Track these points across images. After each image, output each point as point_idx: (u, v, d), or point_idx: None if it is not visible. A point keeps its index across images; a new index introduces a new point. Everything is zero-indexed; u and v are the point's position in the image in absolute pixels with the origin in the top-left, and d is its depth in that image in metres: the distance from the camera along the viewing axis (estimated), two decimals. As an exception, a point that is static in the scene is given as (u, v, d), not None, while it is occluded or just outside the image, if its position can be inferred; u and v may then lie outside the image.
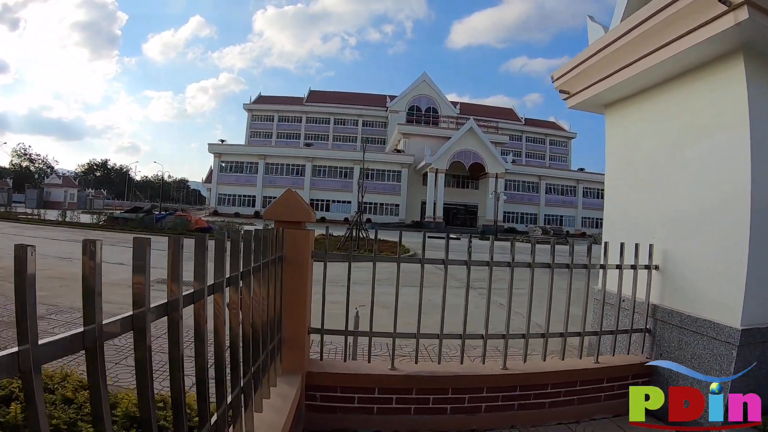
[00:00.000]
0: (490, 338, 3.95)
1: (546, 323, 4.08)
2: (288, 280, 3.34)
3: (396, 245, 17.40)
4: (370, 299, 3.79)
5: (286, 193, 3.38)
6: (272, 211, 3.36)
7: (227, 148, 70.57)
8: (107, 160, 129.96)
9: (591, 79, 5.40)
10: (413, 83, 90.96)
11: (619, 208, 5.53)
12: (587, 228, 70.68)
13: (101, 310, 1.22)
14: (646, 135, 5.04)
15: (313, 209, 3.57)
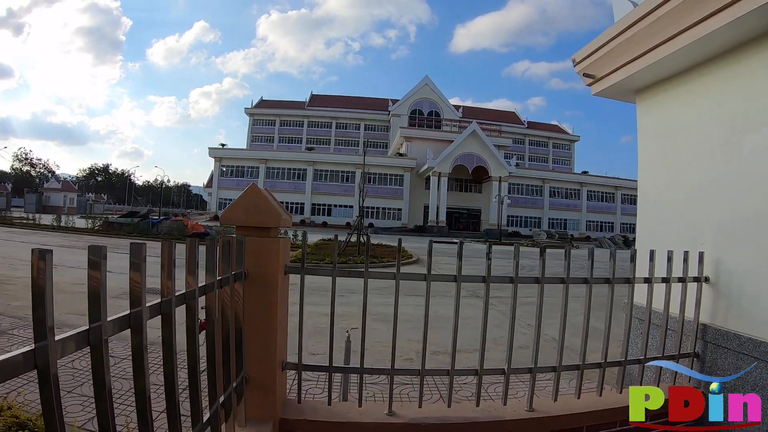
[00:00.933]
0: (514, 373, 3.14)
1: (582, 352, 3.29)
2: (251, 303, 2.58)
3: (398, 251, 16.65)
4: (362, 322, 2.98)
5: (250, 190, 2.63)
6: (231, 214, 2.61)
7: (228, 152, 70.09)
8: (108, 165, 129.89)
9: (621, 59, 4.63)
10: (415, 87, 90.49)
11: (656, 210, 4.74)
12: (592, 231, 69.94)
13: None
14: (691, 123, 4.26)
15: (288, 211, 2.81)
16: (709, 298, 3.82)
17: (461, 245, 2.93)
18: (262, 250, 2.59)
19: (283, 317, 2.81)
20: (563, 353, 3.31)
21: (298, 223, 60.49)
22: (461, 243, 2.98)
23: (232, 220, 2.61)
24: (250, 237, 2.57)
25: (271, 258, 2.60)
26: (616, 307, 3.43)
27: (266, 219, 2.58)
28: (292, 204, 66.49)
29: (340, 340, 5.63)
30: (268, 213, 2.58)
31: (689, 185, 4.21)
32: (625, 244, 54.03)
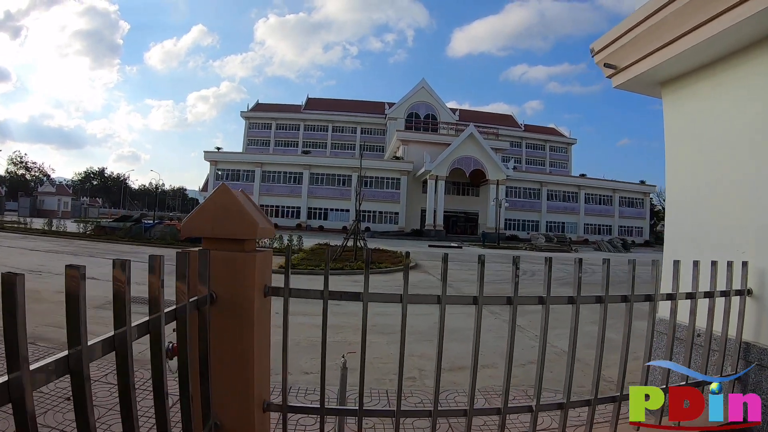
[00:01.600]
0: (543, 410, 2.65)
1: (620, 381, 2.80)
2: (222, 333, 2.08)
3: (396, 255, 16.30)
4: (361, 355, 2.49)
5: (219, 191, 2.14)
6: (194, 223, 2.13)
7: (223, 155, 69.55)
8: (104, 169, 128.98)
9: (649, 46, 4.15)
10: (412, 90, 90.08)
11: (687, 214, 4.24)
12: (589, 234, 69.72)
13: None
14: (729, 117, 3.78)
15: (268, 218, 2.32)
16: (752, 313, 3.35)
17: (483, 265, 2.42)
18: (234, 268, 2.09)
19: (263, 349, 2.32)
20: (575, 366, 2.82)
21: (294, 228, 59.93)
22: (482, 262, 2.47)
23: (197, 230, 2.12)
24: (218, 251, 2.07)
25: (246, 277, 2.10)
26: (622, 313, 2.96)
27: (239, 229, 2.10)
28: (288, 208, 66.01)
29: (333, 356, 5.17)
30: (241, 221, 2.10)
31: (728, 186, 3.74)
32: (624, 247, 53.71)
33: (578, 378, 5.62)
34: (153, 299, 1.61)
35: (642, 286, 2.90)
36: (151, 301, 1.60)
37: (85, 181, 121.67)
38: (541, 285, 2.84)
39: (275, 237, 25.57)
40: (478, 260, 2.41)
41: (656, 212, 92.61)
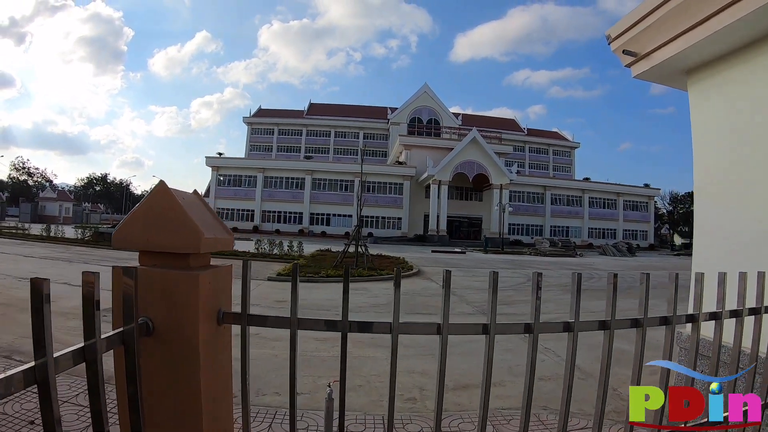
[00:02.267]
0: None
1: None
2: (161, 373, 1.61)
3: (398, 261, 15.83)
4: (339, 408, 2.02)
5: (155, 192, 1.67)
6: (124, 233, 1.65)
7: (225, 161, 69.23)
8: (107, 174, 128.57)
9: (674, 28, 3.69)
10: (414, 95, 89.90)
11: (721, 218, 3.77)
12: (594, 239, 69.14)
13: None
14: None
15: (225, 227, 1.85)
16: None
17: (538, 287, 1.96)
18: (172, 290, 1.62)
19: (220, 391, 1.84)
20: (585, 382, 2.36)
21: (297, 233, 59.62)
22: (539, 281, 1.98)
23: (128, 242, 1.65)
24: (155, 269, 1.61)
25: (188, 302, 1.62)
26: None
27: (177, 240, 1.63)
28: (291, 214, 65.75)
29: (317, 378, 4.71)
30: (180, 230, 1.63)
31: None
32: (629, 251, 53.17)
33: (590, 396, 5.16)
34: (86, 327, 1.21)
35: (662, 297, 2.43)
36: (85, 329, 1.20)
37: (87, 186, 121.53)
38: (548, 291, 2.40)
39: (275, 243, 25.15)
40: (489, 279, 1.93)
41: (660, 216, 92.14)
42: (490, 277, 1.90)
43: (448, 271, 1.82)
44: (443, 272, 1.85)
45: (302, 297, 12.36)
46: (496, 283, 1.88)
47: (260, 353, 6.44)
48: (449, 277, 1.82)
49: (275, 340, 7.16)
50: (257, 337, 7.34)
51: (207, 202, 2.00)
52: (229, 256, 22.67)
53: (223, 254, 23.31)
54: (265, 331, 7.83)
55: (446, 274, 1.82)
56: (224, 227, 1.92)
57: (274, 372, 5.71)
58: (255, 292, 12.12)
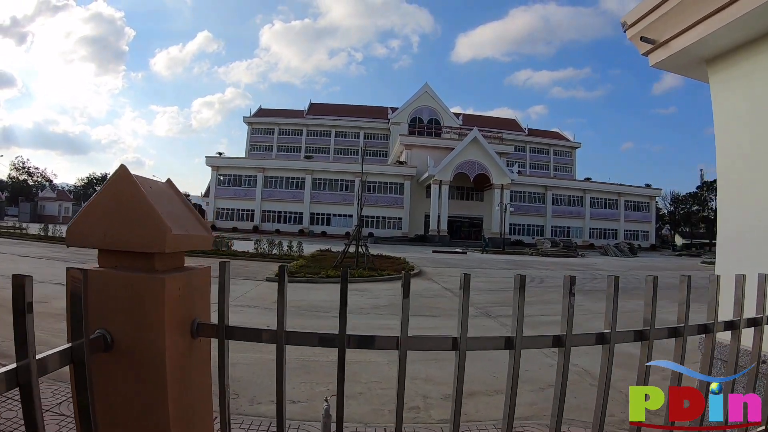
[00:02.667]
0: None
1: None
2: (121, 395, 1.35)
3: (399, 262, 15.59)
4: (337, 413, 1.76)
5: (115, 179, 1.41)
6: (80, 228, 1.40)
7: (225, 161, 69.02)
8: (107, 174, 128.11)
9: (694, 15, 3.45)
10: (415, 94, 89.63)
11: (747, 214, 3.52)
12: (595, 239, 68.94)
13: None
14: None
15: (201, 221, 1.61)
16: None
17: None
18: (136, 297, 1.36)
19: (196, 413, 1.58)
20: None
21: (297, 233, 59.42)
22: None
23: (84, 238, 1.40)
24: (114, 271, 1.36)
25: (155, 311, 1.37)
26: (639, 326, 2.33)
27: (138, 236, 1.37)
28: (291, 214, 65.58)
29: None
30: (142, 224, 1.37)
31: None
32: (631, 251, 52.92)
33: (610, 406, 4.89)
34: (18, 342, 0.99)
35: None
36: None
37: (87, 186, 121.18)
38: (553, 292, 2.23)
39: (275, 243, 24.89)
40: (516, 286, 1.68)
41: (661, 216, 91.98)
42: (515, 281, 1.64)
43: (466, 275, 1.57)
44: (460, 276, 1.60)
45: (301, 298, 12.21)
46: (522, 289, 1.63)
47: (256, 358, 6.19)
48: (468, 283, 1.57)
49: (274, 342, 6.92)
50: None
51: (186, 194, 1.76)
52: (226, 256, 22.44)
53: (218, 253, 23.11)
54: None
55: (464, 278, 1.56)
56: (201, 223, 1.67)
57: (270, 378, 5.44)
58: (253, 292, 11.89)
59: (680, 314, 2.05)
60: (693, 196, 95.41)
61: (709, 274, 2.38)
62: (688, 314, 2.05)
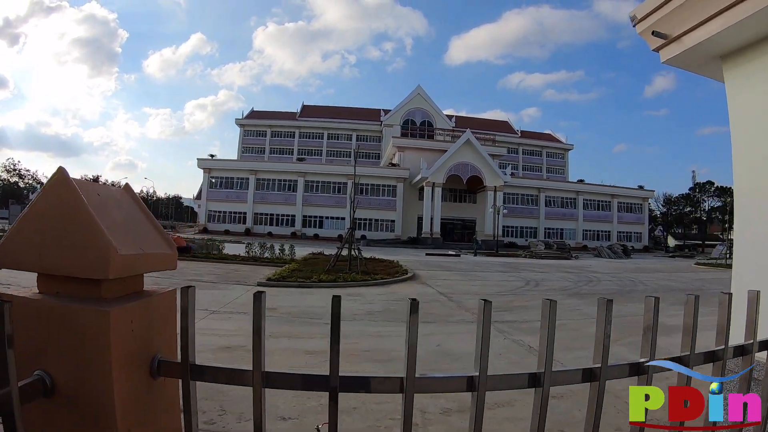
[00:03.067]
0: None
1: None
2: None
3: (393, 265, 15.33)
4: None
5: (55, 182, 1.15)
6: (15, 244, 1.14)
7: (217, 163, 68.65)
8: (98, 176, 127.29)
9: (710, 8, 3.23)
10: (407, 97, 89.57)
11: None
12: (588, 241, 69.04)
13: None
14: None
15: (166, 240, 1.35)
16: None
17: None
18: (79, 333, 1.11)
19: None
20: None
21: (289, 236, 59.12)
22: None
23: (16, 258, 1.14)
24: (54, 299, 1.10)
25: (101, 348, 1.11)
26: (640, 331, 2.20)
27: (77, 258, 1.11)
28: (283, 216, 65.30)
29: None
30: (82, 243, 1.11)
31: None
32: (624, 253, 52.86)
33: (611, 416, 4.65)
34: None
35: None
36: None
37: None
38: (549, 295, 1.94)
39: (267, 246, 24.56)
40: (544, 313, 1.44)
41: (654, 217, 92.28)
42: (544, 308, 1.40)
43: (487, 303, 1.32)
44: (479, 303, 1.35)
45: (293, 303, 11.93)
46: (553, 318, 1.38)
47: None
48: (489, 314, 1.32)
49: (266, 354, 6.64)
50: (243, 350, 6.83)
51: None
52: (217, 260, 22.15)
53: (209, 257, 22.80)
54: (251, 343, 7.30)
55: (484, 307, 1.31)
56: (164, 238, 1.41)
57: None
58: (243, 298, 11.60)
59: (718, 335, 1.83)
60: (685, 197, 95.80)
61: (730, 291, 2.16)
62: (728, 338, 1.81)
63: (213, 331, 7.98)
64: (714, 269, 33.92)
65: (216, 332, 7.91)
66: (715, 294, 7.82)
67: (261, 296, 1.26)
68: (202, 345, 6.93)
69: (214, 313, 9.51)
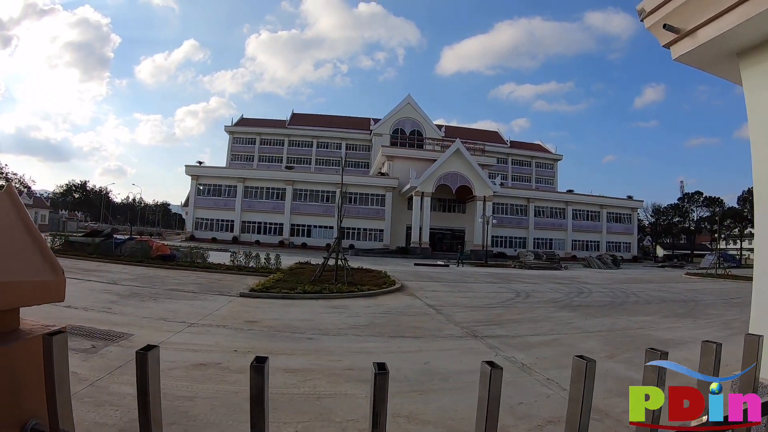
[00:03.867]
0: None
1: None
2: None
3: (380, 276, 14.97)
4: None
5: None
6: None
7: (205, 170, 67.94)
8: (86, 182, 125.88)
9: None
10: (397, 106, 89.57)
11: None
12: (577, 251, 69.12)
13: None
14: None
15: (51, 256, 0.95)
16: None
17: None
18: None
19: None
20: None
21: (277, 245, 58.65)
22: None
23: None
24: None
25: None
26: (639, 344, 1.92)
27: None
28: (271, 225, 64.79)
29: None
30: None
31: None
32: (614, 263, 52.82)
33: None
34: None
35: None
36: None
37: (66, 194, 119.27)
38: (540, 308, 1.77)
39: (252, 255, 24.08)
40: (574, 370, 1.06)
41: (642, 227, 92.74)
42: (575, 369, 1.03)
43: (495, 370, 0.95)
44: (483, 369, 0.97)
45: (276, 317, 11.49)
46: (591, 382, 1.01)
47: (218, 390, 5.51)
48: (494, 380, 0.95)
49: (237, 372, 6.22)
50: (218, 368, 6.41)
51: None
52: (201, 269, 21.66)
53: (193, 266, 22.30)
54: (228, 361, 6.88)
55: (490, 375, 0.94)
56: (45, 259, 1.02)
57: (233, 414, 4.77)
58: (225, 310, 11.17)
59: None
60: (674, 207, 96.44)
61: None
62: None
63: (188, 346, 7.57)
64: (705, 279, 33.86)
65: (192, 347, 7.50)
66: (710, 305, 7.52)
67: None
68: (175, 362, 6.53)
69: (192, 326, 9.07)
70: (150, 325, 8.92)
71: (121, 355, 6.54)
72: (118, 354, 6.70)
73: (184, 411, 4.76)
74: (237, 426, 4.49)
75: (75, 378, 5.58)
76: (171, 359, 6.64)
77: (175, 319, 9.53)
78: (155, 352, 0.92)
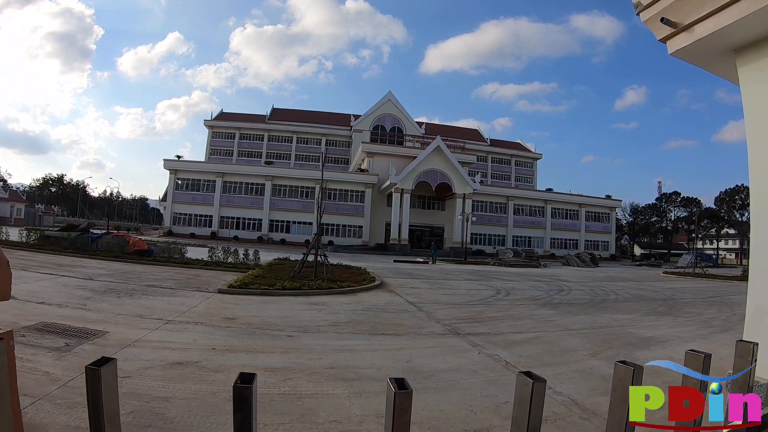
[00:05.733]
0: None
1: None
2: None
3: (360, 272, 14.89)
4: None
5: None
6: None
7: (183, 164, 67.13)
8: (63, 175, 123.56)
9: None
10: (378, 102, 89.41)
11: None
12: (556, 249, 69.96)
13: None
14: None
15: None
16: None
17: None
18: None
19: None
20: None
21: (256, 241, 58.17)
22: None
23: None
24: None
25: None
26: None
27: None
28: (250, 220, 64.29)
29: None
30: None
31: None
32: (592, 261, 53.29)
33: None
34: None
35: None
36: None
37: (43, 187, 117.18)
38: (521, 305, 1.67)
39: (230, 251, 23.79)
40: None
41: (621, 226, 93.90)
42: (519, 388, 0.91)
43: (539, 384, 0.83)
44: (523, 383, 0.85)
45: (254, 314, 11.27)
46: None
47: (196, 390, 5.34)
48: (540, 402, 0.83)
49: (216, 371, 6.06)
50: (196, 367, 6.24)
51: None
52: (177, 265, 21.33)
53: (171, 261, 21.95)
54: (206, 360, 6.70)
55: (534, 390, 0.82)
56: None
57: (211, 416, 4.60)
58: (202, 306, 10.96)
59: None
60: (652, 207, 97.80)
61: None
62: None
63: (165, 344, 7.37)
64: (682, 278, 34.29)
65: (169, 345, 7.31)
66: (689, 303, 7.51)
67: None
68: (151, 360, 6.37)
69: (170, 323, 8.85)
70: (126, 322, 8.68)
71: (95, 354, 6.31)
72: (92, 352, 6.48)
73: (160, 413, 4.59)
74: (216, 428, 4.33)
75: (47, 378, 5.40)
76: (147, 358, 6.46)
77: (152, 316, 9.30)
78: (111, 366, 0.80)
